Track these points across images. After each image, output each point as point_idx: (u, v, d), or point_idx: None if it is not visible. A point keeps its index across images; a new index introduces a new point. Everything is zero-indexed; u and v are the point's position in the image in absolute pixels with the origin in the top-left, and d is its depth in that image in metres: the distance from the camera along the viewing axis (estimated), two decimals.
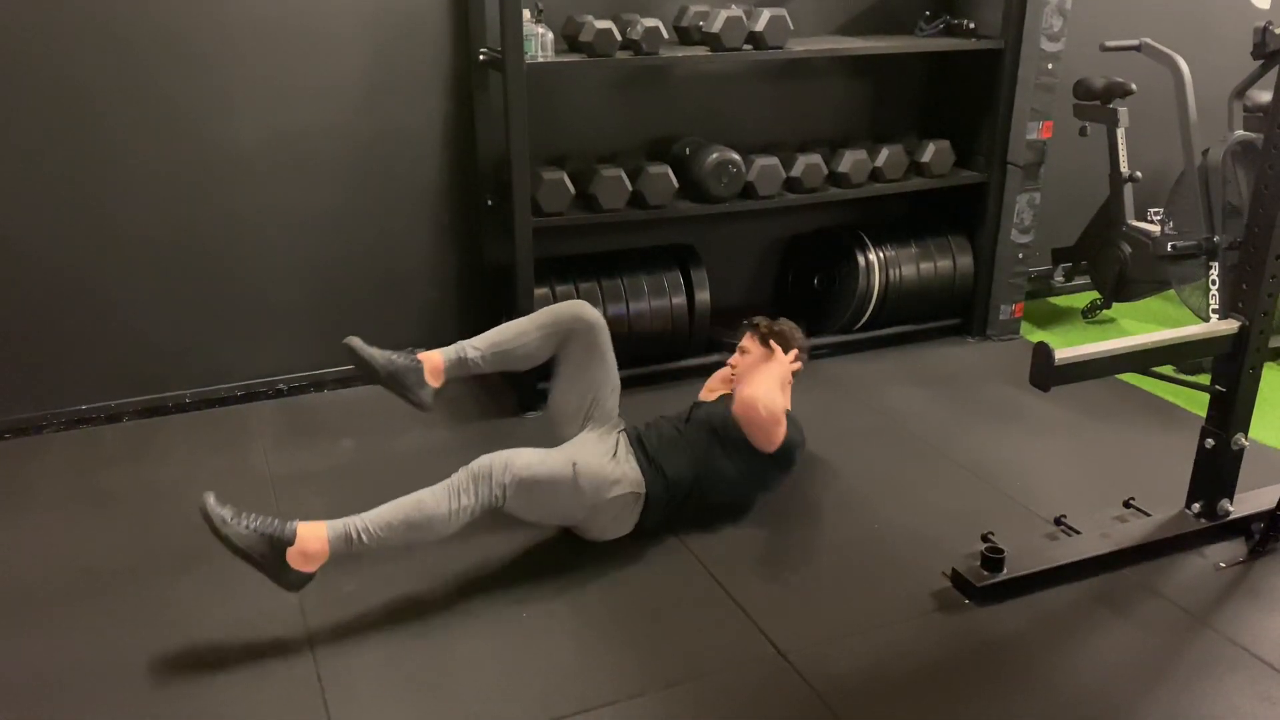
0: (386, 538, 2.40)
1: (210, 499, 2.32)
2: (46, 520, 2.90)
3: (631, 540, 2.75)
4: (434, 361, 2.80)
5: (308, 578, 2.37)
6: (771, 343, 3.04)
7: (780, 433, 2.76)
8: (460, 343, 2.85)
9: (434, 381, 2.80)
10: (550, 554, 2.72)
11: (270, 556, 2.31)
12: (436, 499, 2.46)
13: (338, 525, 2.38)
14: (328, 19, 3.37)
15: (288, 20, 3.33)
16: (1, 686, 2.24)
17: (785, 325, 3.14)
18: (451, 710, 2.18)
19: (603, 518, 2.69)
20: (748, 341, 3.10)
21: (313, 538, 2.35)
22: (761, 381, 2.83)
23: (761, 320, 3.14)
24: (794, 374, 3.08)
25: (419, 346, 2.85)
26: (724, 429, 2.83)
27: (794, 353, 3.07)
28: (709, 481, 2.81)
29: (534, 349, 2.87)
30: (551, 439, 2.89)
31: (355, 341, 2.76)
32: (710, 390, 3.25)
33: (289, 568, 2.33)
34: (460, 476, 2.50)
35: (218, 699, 2.21)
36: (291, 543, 2.32)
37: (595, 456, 2.69)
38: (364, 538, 2.38)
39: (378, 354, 2.76)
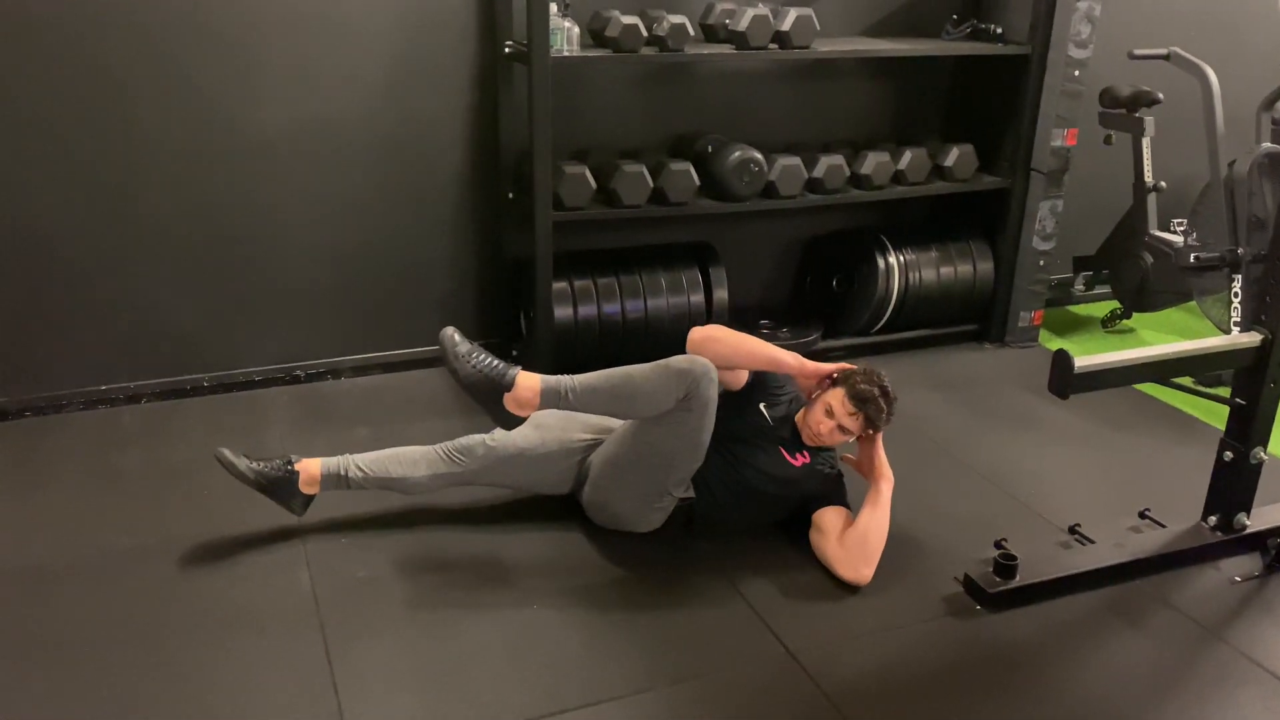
0: (591, 403, 2.57)
1: (451, 331, 2.56)
2: (63, 498, 2.92)
3: (643, 537, 2.75)
4: (310, 471, 2.68)
5: (521, 420, 2.58)
6: (874, 433, 2.70)
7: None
8: (346, 456, 2.73)
9: (309, 490, 2.69)
10: (561, 549, 2.73)
11: (491, 396, 2.53)
12: (646, 377, 2.55)
13: (550, 379, 2.56)
14: (355, 9, 3.38)
15: (315, 9, 3.34)
16: (15, 658, 2.26)
17: (891, 404, 2.67)
18: (460, 699, 2.19)
19: (649, 507, 2.70)
20: (851, 423, 2.64)
21: (526, 387, 2.53)
22: (877, 547, 2.61)
23: (868, 386, 2.63)
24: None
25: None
26: (779, 505, 2.76)
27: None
28: (738, 525, 2.79)
29: (425, 485, 2.73)
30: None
31: (224, 453, 2.64)
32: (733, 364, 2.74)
33: (505, 409, 2.54)
34: (679, 361, 2.55)
35: (229, 680, 2.22)
36: (510, 388, 2.52)
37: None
38: (571, 396, 2.55)
39: (248, 466, 2.64)
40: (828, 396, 2.68)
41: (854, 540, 2.61)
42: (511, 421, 2.58)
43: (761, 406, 2.77)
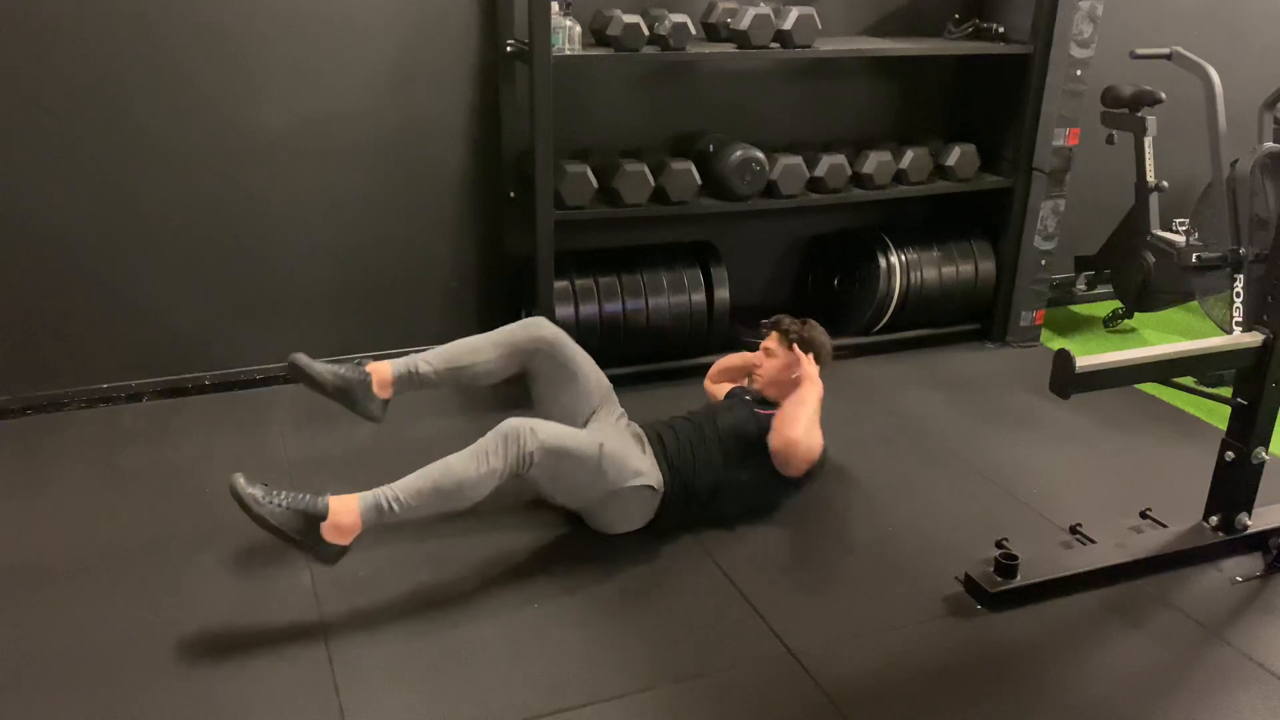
0: (418, 505, 2.41)
1: (240, 479, 2.32)
2: (65, 497, 2.92)
3: (644, 536, 2.75)
4: (382, 374, 2.77)
5: (344, 550, 2.37)
6: (796, 349, 2.99)
7: (809, 466, 2.77)
8: (413, 355, 2.81)
9: (383, 394, 2.76)
10: (563, 547, 2.73)
11: (305, 532, 2.32)
12: (464, 463, 2.46)
13: (368, 497, 2.39)
14: (357, 8, 3.38)
15: (317, 8, 3.34)
16: (17, 660, 2.26)
17: (815, 330, 3.07)
18: (461, 698, 2.19)
19: (618, 506, 2.69)
20: (773, 343, 3.05)
21: (345, 510, 2.35)
22: (802, 418, 2.76)
23: (789, 321, 3.08)
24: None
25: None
26: (749, 445, 2.82)
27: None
28: (726, 491, 2.80)
29: (492, 368, 2.84)
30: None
31: (301, 358, 2.71)
32: (722, 373, 3.29)
33: (324, 541, 2.33)
34: (489, 439, 2.49)
35: (229, 679, 2.22)
36: (325, 517, 2.33)
37: (621, 444, 2.70)
38: (395, 507, 2.39)
39: (326, 370, 2.73)
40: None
41: (779, 417, 2.79)
42: (334, 554, 2.36)
43: (739, 391, 3.10)
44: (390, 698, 2.19)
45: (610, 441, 2.65)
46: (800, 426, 2.74)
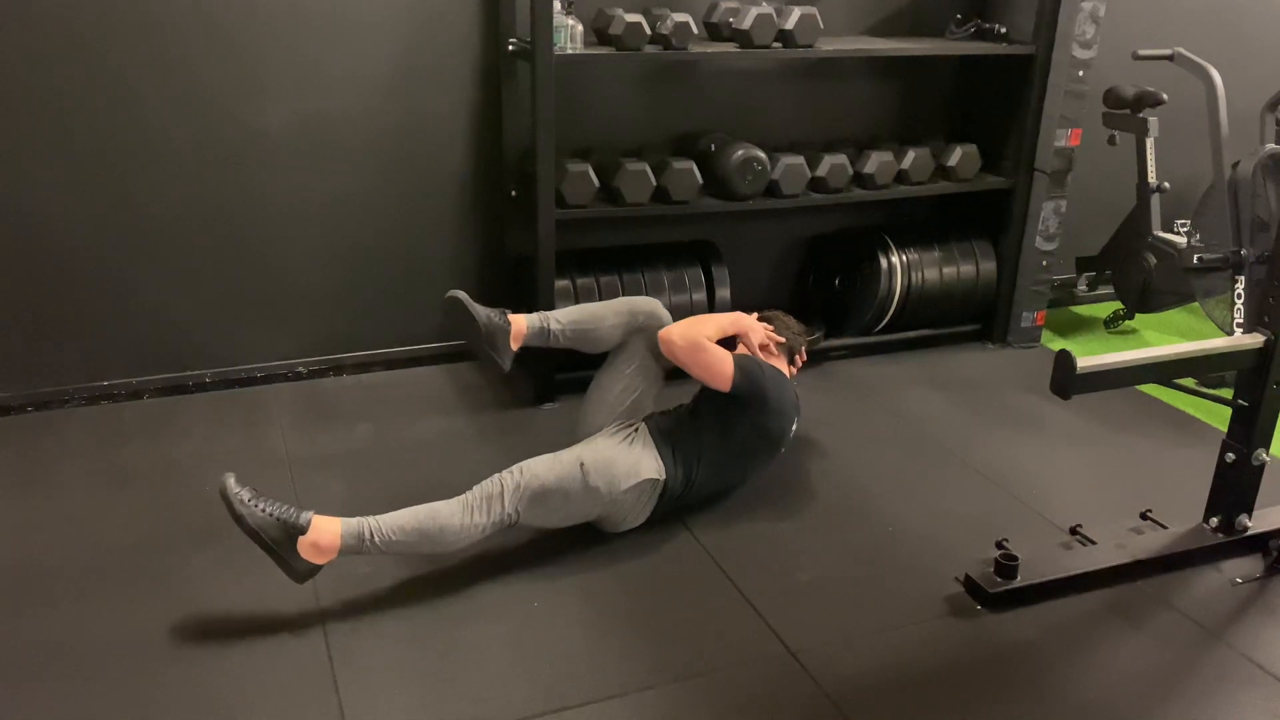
0: (397, 542, 2.43)
1: (231, 479, 2.35)
2: (66, 494, 2.92)
3: (645, 534, 2.75)
4: (519, 326, 2.89)
5: (316, 569, 2.39)
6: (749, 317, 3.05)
7: (716, 363, 2.77)
8: (543, 312, 2.94)
9: (515, 344, 2.87)
10: (563, 545, 2.72)
11: (282, 543, 2.33)
12: (450, 511, 2.48)
13: (351, 523, 2.40)
14: (359, 7, 3.38)
15: (319, 7, 3.34)
16: (17, 656, 2.26)
17: (780, 313, 3.19)
18: (460, 695, 2.19)
19: (622, 509, 2.69)
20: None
21: (326, 531, 2.37)
22: (683, 320, 2.85)
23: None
24: (799, 363, 3.17)
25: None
26: (704, 400, 2.87)
27: (758, 323, 3.06)
28: (708, 461, 2.80)
29: (607, 335, 2.92)
30: (571, 423, 2.92)
31: (462, 295, 2.85)
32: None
33: (299, 556, 2.35)
34: (475, 493, 2.53)
35: (229, 676, 2.22)
36: (304, 532, 2.34)
37: (605, 449, 2.69)
38: (375, 539, 2.40)
39: (482, 311, 2.85)
40: None
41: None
42: (307, 571, 2.37)
43: None
44: (390, 695, 2.19)
45: (592, 454, 2.66)
46: (675, 323, 2.83)
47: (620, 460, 2.67)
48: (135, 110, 3.26)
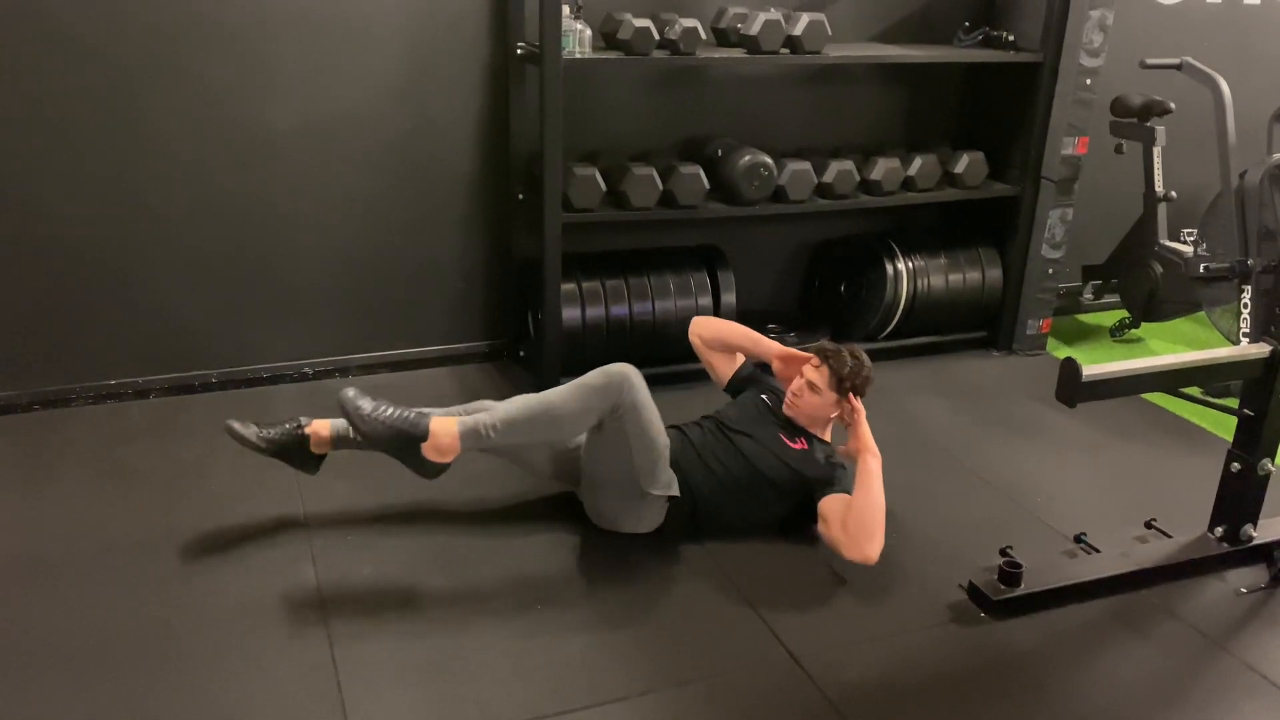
0: (513, 435, 2.54)
1: (350, 392, 2.50)
2: (72, 492, 2.93)
3: (647, 539, 2.75)
4: (319, 433, 2.74)
5: (444, 467, 2.54)
6: (853, 400, 2.79)
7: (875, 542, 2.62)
8: (335, 419, 2.75)
9: (319, 450, 2.75)
10: (566, 549, 2.73)
11: (406, 449, 2.48)
12: (564, 399, 2.53)
13: (468, 420, 2.52)
14: (367, 10, 3.39)
15: (327, 10, 3.35)
16: (21, 653, 2.27)
17: (865, 370, 2.81)
18: (463, 697, 2.19)
19: (638, 508, 2.69)
20: (819, 378, 2.79)
21: (444, 434, 2.49)
22: (878, 525, 2.59)
23: (839, 359, 2.78)
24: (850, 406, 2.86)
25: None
26: (771, 485, 2.74)
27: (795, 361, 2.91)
28: (733, 510, 2.78)
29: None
30: None
31: (232, 425, 2.69)
32: (725, 346, 3.06)
33: (424, 460, 2.49)
34: (594, 376, 2.54)
35: (232, 675, 2.23)
36: (425, 438, 2.47)
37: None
38: (492, 434, 2.51)
39: (255, 434, 2.69)
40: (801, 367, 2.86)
41: (854, 522, 2.60)
42: (433, 471, 2.53)
43: (763, 397, 2.93)
44: (393, 697, 2.19)
45: (668, 448, 2.67)
46: (879, 541, 2.58)
47: (668, 469, 2.69)
48: (144, 112, 3.28)
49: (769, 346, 2.99)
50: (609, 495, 2.72)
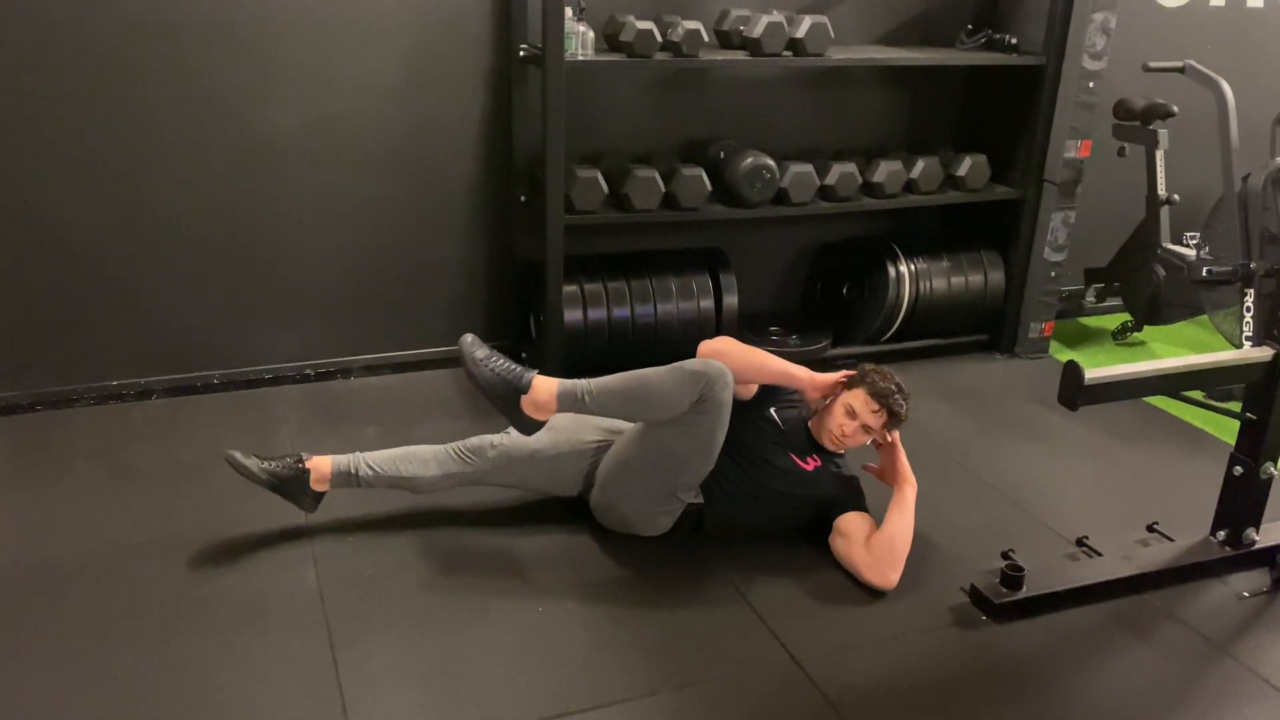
0: (609, 404, 2.59)
1: (469, 337, 2.62)
2: (73, 493, 2.93)
3: (650, 540, 2.75)
4: (320, 470, 2.68)
5: (539, 424, 2.61)
6: (895, 437, 2.73)
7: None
8: (356, 454, 2.73)
9: (319, 488, 2.70)
10: (568, 550, 2.73)
11: (508, 399, 2.57)
12: (661, 380, 2.55)
13: (566, 383, 2.59)
14: (371, 12, 3.39)
15: (331, 12, 3.35)
16: (22, 653, 2.27)
17: (907, 401, 2.71)
18: (464, 699, 2.19)
19: (658, 510, 2.70)
20: (862, 409, 2.68)
21: (544, 390, 2.57)
22: (903, 554, 2.59)
23: (887, 384, 2.70)
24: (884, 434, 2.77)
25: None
26: (797, 504, 2.74)
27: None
28: (748, 528, 2.79)
29: (431, 484, 2.73)
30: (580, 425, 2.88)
31: (233, 456, 2.65)
32: (744, 372, 2.73)
33: (522, 413, 2.58)
34: (690, 366, 2.54)
35: (234, 676, 2.23)
36: (525, 391, 2.56)
37: None
38: (587, 399, 2.56)
39: (258, 467, 2.64)
40: (846, 398, 2.72)
41: (882, 546, 2.60)
42: (530, 425, 2.61)
43: (772, 411, 2.80)
44: (393, 697, 2.19)
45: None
46: (899, 568, 2.59)
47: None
48: (147, 114, 3.28)
49: (800, 376, 2.72)
50: (635, 493, 2.70)
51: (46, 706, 2.13)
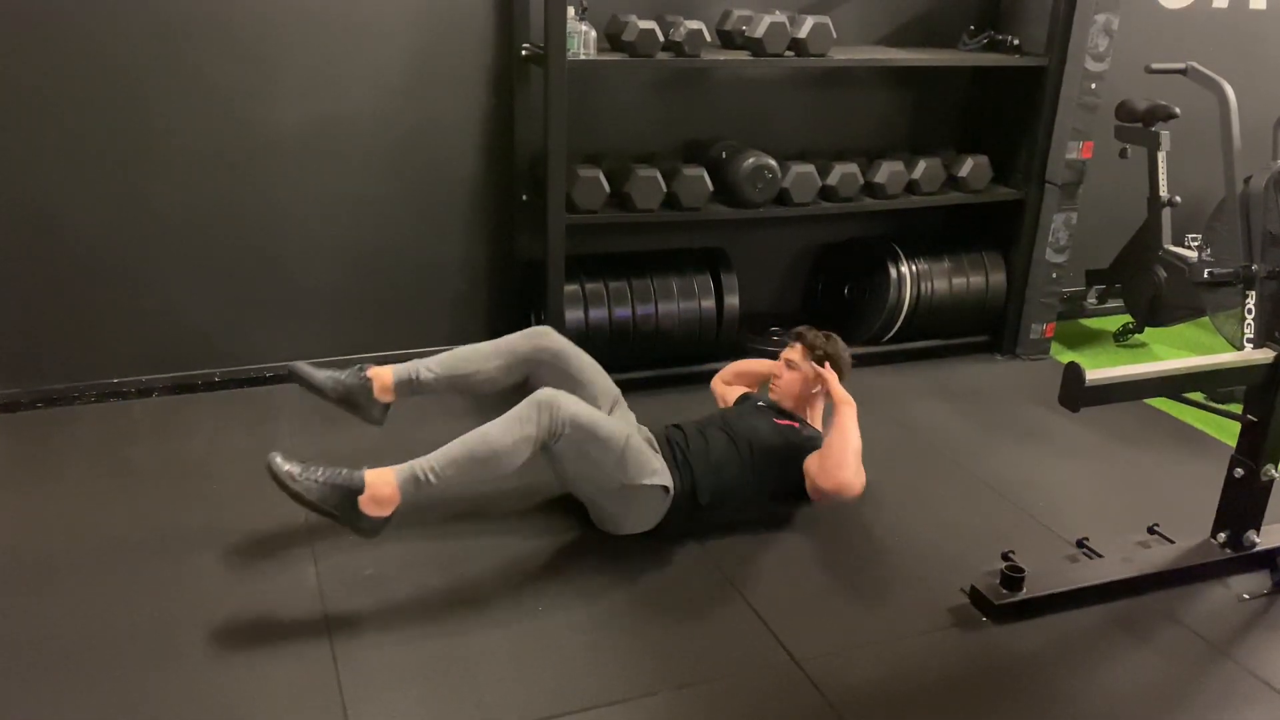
0: (454, 475, 2.43)
1: (277, 458, 2.37)
2: (74, 490, 2.93)
3: (650, 541, 2.75)
4: (382, 380, 2.78)
5: (384, 522, 2.41)
6: (827, 368, 2.95)
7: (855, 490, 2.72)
8: (415, 361, 2.84)
9: (384, 398, 2.78)
10: (569, 551, 2.73)
11: (344, 506, 2.36)
12: (501, 430, 2.47)
13: (405, 469, 2.41)
14: (372, 10, 3.39)
15: (333, 10, 3.35)
16: (21, 651, 2.27)
17: (838, 344, 3.03)
18: (463, 698, 2.19)
19: (629, 503, 2.68)
20: (795, 355, 3.01)
21: (382, 483, 2.38)
22: (851, 456, 2.70)
23: (812, 334, 3.02)
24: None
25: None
26: (767, 456, 2.81)
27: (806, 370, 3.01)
28: (735, 499, 2.80)
29: (494, 376, 2.84)
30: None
31: (300, 366, 2.74)
32: (738, 376, 3.29)
33: (363, 515, 2.37)
34: (523, 407, 2.51)
35: (232, 675, 2.23)
36: (361, 490, 2.36)
37: (642, 441, 2.70)
38: (432, 478, 2.41)
39: (322, 375, 2.75)
40: (784, 354, 3.05)
41: (829, 455, 2.72)
42: (374, 527, 2.40)
43: (756, 400, 3.07)
44: (393, 697, 2.19)
45: (636, 436, 2.66)
46: (851, 469, 2.68)
47: (649, 455, 2.67)
48: (149, 111, 3.28)
49: (772, 364, 3.14)
50: (600, 504, 2.73)
51: (43, 703, 2.13)
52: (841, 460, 2.69)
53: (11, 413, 3.36)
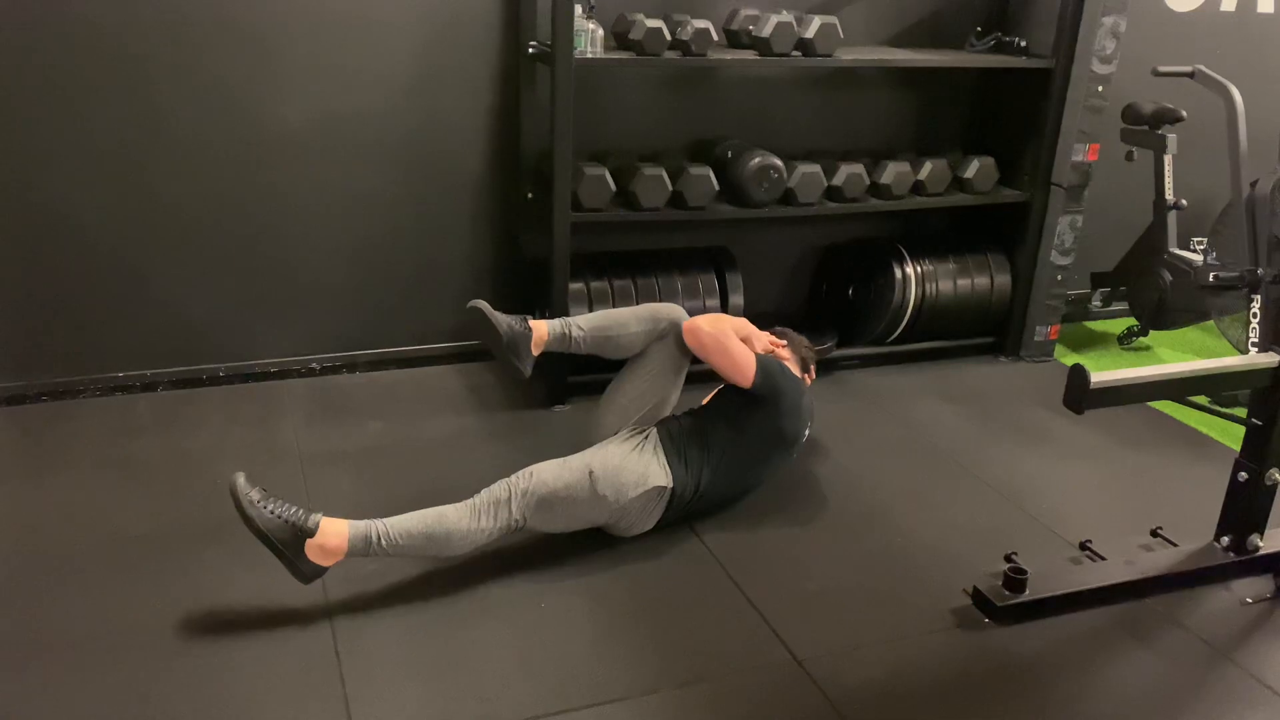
0: (404, 545, 2.44)
1: (240, 479, 2.35)
2: (77, 483, 2.94)
3: (653, 539, 2.76)
4: (540, 332, 2.89)
5: (322, 570, 2.40)
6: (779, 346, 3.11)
7: (741, 357, 2.80)
8: (565, 318, 2.95)
9: (535, 350, 2.88)
10: (572, 547, 2.73)
11: (290, 545, 2.34)
12: (458, 516, 2.49)
13: (359, 526, 2.41)
14: (380, 7, 3.40)
15: (341, 7, 3.36)
16: (25, 645, 2.28)
17: (790, 330, 3.24)
18: (465, 693, 2.20)
19: (629, 516, 2.69)
20: (785, 355, 3.15)
21: (334, 534, 2.37)
22: (705, 324, 2.84)
23: (800, 341, 3.23)
24: (808, 380, 3.14)
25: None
26: (719, 401, 2.91)
27: (763, 333, 3.09)
28: (719, 465, 2.80)
29: (631, 341, 2.92)
30: (583, 425, 2.92)
31: (483, 305, 2.88)
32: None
33: (306, 558, 2.36)
34: (483, 497, 2.54)
35: (235, 668, 2.23)
36: (313, 534, 2.35)
37: (614, 457, 2.69)
38: (383, 542, 2.41)
39: (503, 319, 2.86)
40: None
41: (710, 319, 2.88)
42: (312, 573, 2.38)
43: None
44: (395, 690, 2.19)
45: (601, 461, 2.65)
46: (706, 329, 2.81)
47: (629, 468, 2.67)
48: (156, 107, 3.29)
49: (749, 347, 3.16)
50: (601, 525, 2.72)
51: (46, 697, 2.14)
52: (713, 322, 2.85)
53: (16, 405, 3.37)
